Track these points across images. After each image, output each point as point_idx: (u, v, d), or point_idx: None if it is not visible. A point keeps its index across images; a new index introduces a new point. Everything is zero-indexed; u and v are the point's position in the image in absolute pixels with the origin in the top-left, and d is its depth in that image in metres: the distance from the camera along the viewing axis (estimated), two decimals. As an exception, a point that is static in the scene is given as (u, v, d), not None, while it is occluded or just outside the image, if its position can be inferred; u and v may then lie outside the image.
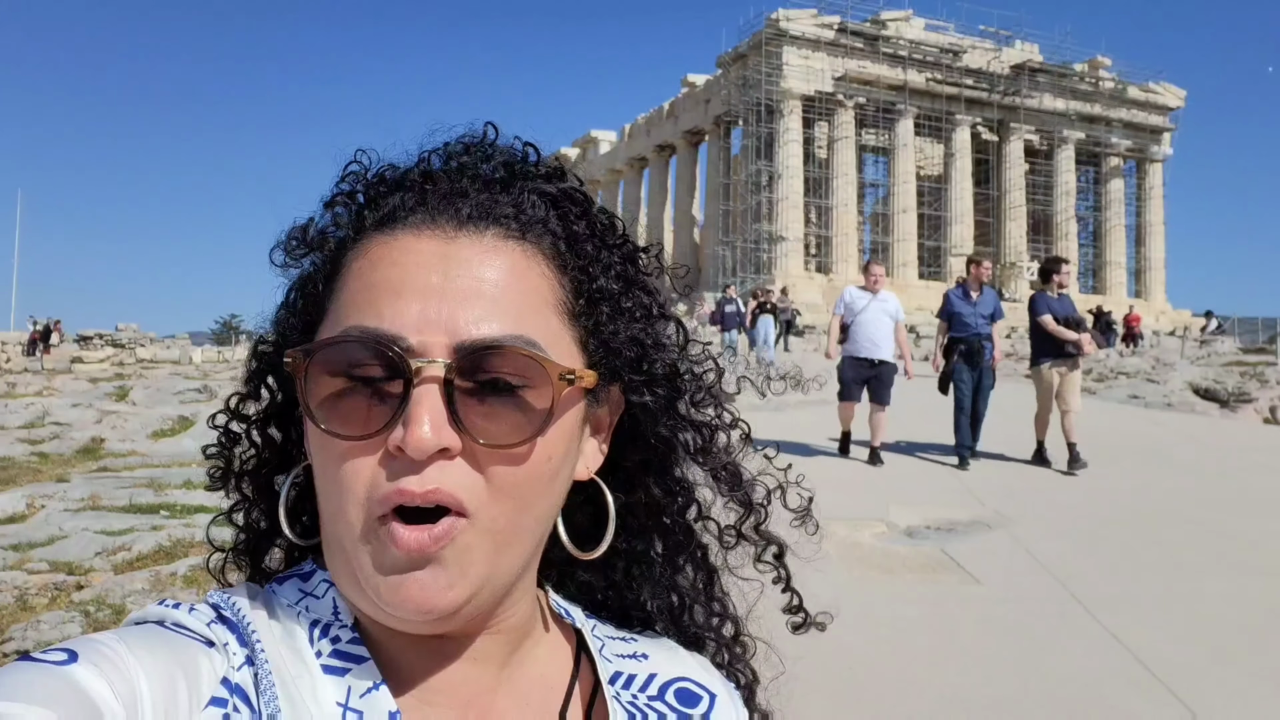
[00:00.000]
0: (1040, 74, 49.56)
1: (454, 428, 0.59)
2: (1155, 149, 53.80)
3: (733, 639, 0.83)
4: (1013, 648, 4.91)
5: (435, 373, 0.59)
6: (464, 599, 0.60)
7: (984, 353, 9.79)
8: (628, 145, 59.50)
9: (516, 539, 0.63)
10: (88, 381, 18.44)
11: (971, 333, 9.79)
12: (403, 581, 0.59)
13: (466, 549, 0.60)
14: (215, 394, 16.46)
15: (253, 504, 0.76)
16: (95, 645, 0.55)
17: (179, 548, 6.37)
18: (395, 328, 0.60)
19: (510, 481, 0.61)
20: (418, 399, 0.58)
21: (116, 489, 8.61)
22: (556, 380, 0.62)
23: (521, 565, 0.66)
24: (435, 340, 0.60)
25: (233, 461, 0.75)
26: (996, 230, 50.16)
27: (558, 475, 0.66)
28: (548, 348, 0.63)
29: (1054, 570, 6.31)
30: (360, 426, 0.60)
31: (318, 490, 0.64)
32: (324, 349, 0.62)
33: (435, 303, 0.60)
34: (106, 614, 4.99)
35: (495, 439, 0.60)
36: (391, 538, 0.58)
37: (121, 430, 12.76)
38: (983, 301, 9.97)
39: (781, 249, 44.17)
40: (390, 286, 0.62)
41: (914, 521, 7.50)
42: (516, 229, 0.65)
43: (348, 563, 0.61)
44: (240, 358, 27.14)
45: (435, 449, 0.58)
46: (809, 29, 45.15)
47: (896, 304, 10.06)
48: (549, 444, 0.63)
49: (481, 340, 0.60)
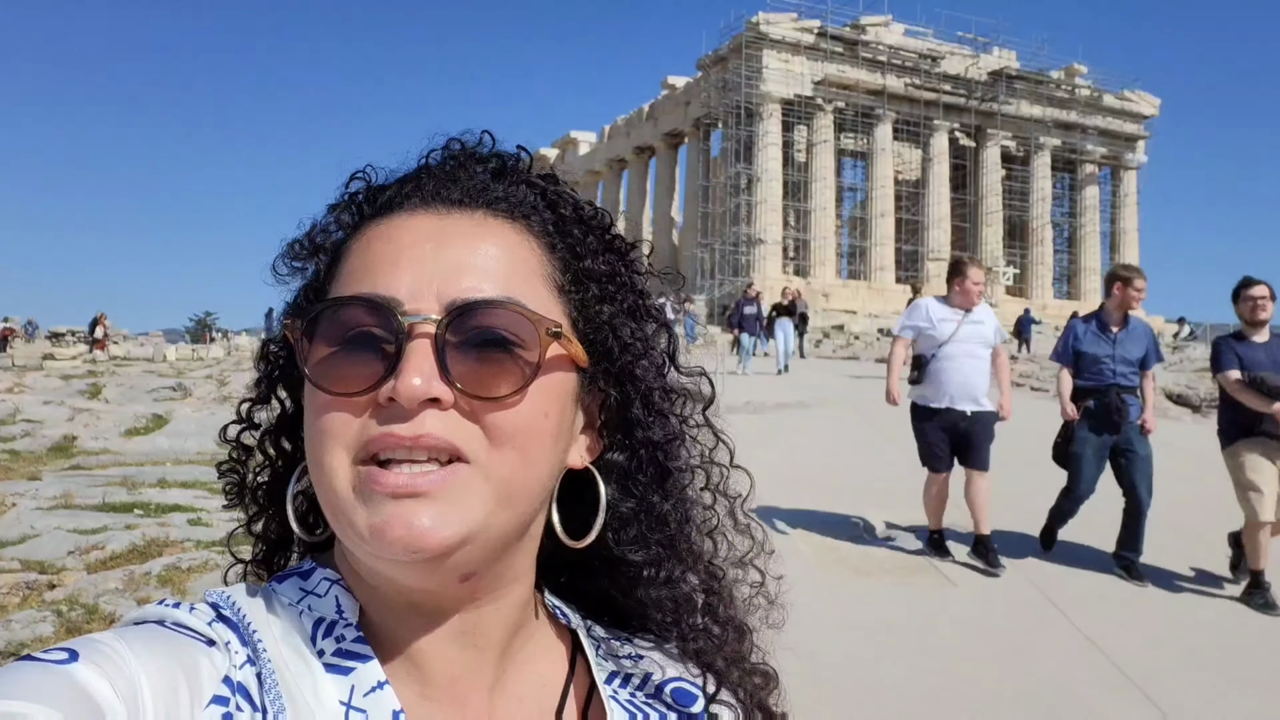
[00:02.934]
0: (1017, 80, 49.94)
1: (444, 381, 0.60)
2: (1130, 156, 54.31)
3: (736, 643, 0.82)
4: (989, 650, 4.94)
5: (427, 329, 0.61)
6: (455, 539, 0.60)
7: (1126, 411, 6.52)
8: (607, 147, 59.45)
9: (518, 492, 0.64)
10: (59, 378, 18.21)
11: (1108, 382, 6.54)
12: (393, 512, 0.59)
13: (463, 489, 0.60)
14: (190, 392, 16.33)
15: (268, 515, 0.76)
16: (96, 644, 0.55)
17: (153, 547, 6.31)
18: (389, 290, 0.62)
19: (509, 432, 0.62)
20: (409, 353, 0.60)
21: (89, 487, 8.51)
22: (544, 334, 0.64)
23: (520, 525, 0.66)
24: (427, 300, 0.62)
25: (247, 476, 0.76)
26: (973, 235, 50.47)
27: (557, 438, 0.67)
28: (537, 309, 0.65)
29: (1028, 573, 6.37)
30: (356, 383, 0.61)
31: (308, 451, 0.65)
32: (322, 311, 0.64)
33: (429, 268, 0.63)
34: (79, 614, 4.94)
35: (484, 390, 0.61)
36: (374, 478, 0.59)
37: (94, 428, 12.62)
38: (1128, 338, 6.60)
39: (760, 252, 44.26)
40: (385, 258, 0.64)
41: (892, 523, 7.54)
42: (506, 209, 0.68)
43: (339, 510, 0.61)
44: (215, 355, 26.94)
45: (425, 397, 0.59)
46: (789, 33, 45.28)
47: (994, 322, 6.84)
48: (544, 400, 0.65)
49: (471, 297, 0.62)
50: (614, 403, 0.72)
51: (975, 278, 6.74)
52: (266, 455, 0.75)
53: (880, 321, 42.37)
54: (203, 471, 9.76)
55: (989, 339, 6.74)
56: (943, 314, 6.72)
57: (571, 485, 0.72)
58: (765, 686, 0.83)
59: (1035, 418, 10.42)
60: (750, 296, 22.85)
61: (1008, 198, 51.01)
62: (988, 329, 6.73)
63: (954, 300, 6.76)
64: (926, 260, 47.30)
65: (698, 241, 46.25)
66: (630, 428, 0.73)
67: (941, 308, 6.77)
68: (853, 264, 50.05)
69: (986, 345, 6.72)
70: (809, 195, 46.46)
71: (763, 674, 0.83)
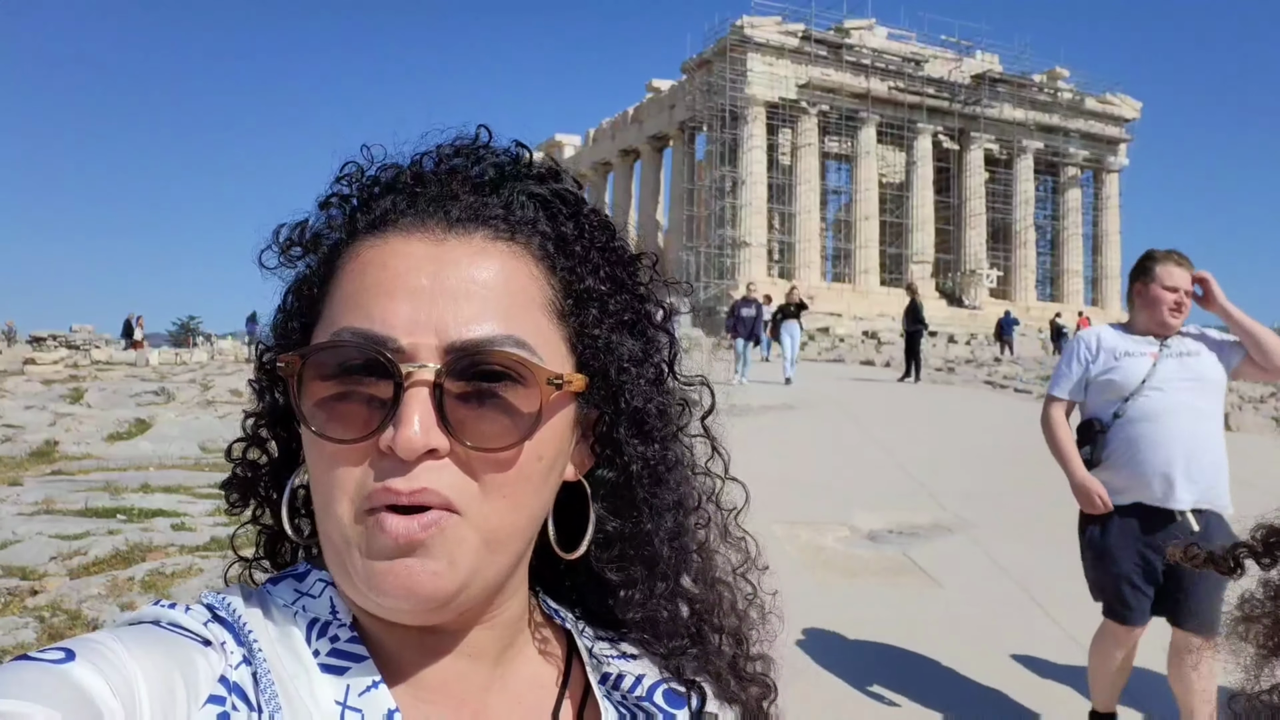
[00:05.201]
0: (1000, 84, 50.19)
1: (443, 430, 0.60)
2: (1112, 159, 54.64)
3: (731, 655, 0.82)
4: (974, 649, 4.97)
5: (425, 377, 0.60)
6: (453, 590, 0.61)
7: None
8: (592, 150, 59.40)
9: (508, 537, 0.64)
10: (40, 383, 18.04)
11: None
12: (391, 568, 0.59)
13: (457, 541, 0.60)
14: (173, 396, 16.22)
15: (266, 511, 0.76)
16: (92, 644, 0.55)
17: (136, 552, 6.27)
18: (385, 329, 0.61)
19: (500, 482, 0.62)
20: (408, 402, 0.59)
21: (71, 492, 8.45)
22: (544, 384, 0.63)
23: (512, 563, 0.67)
24: (425, 342, 0.60)
25: (249, 485, 0.75)
26: (957, 238, 50.67)
27: (549, 476, 0.67)
28: (537, 348, 0.63)
29: (1013, 573, 6.40)
30: (352, 429, 0.61)
31: (312, 489, 0.65)
32: (316, 353, 0.63)
33: (425, 304, 0.61)
34: (62, 619, 4.90)
35: (483, 442, 0.61)
36: (380, 526, 0.59)
37: (76, 433, 12.52)
38: None
39: (745, 254, 44.30)
40: (381, 288, 0.62)
41: (877, 525, 7.57)
42: (505, 230, 0.66)
43: (340, 556, 0.62)
44: (199, 360, 26.76)
45: (424, 449, 0.59)
46: (773, 36, 45.37)
47: (1220, 343, 3.92)
48: (539, 445, 0.64)
49: (471, 343, 0.61)
50: (607, 420, 0.72)
51: (1172, 279, 3.85)
52: (268, 454, 0.74)
53: (865, 324, 42.51)
54: (186, 476, 9.71)
55: (1214, 378, 3.88)
56: (1125, 345, 3.94)
57: (566, 495, 0.72)
58: (764, 697, 0.83)
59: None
60: (750, 298, 20.47)
61: (991, 200, 51.23)
62: (1207, 363, 3.87)
63: (1140, 322, 3.97)
64: (911, 263, 47.47)
65: (683, 244, 46.26)
66: (619, 446, 0.72)
67: (1122, 337, 3.98)
68: (837, 267, 50.16)
69: (1212, 389, 3.88)
70: (794, 198, 46.55)
71: (761, 685, 0.83)
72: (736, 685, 0.81)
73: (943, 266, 50.53)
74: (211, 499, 8.30)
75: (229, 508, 0.75)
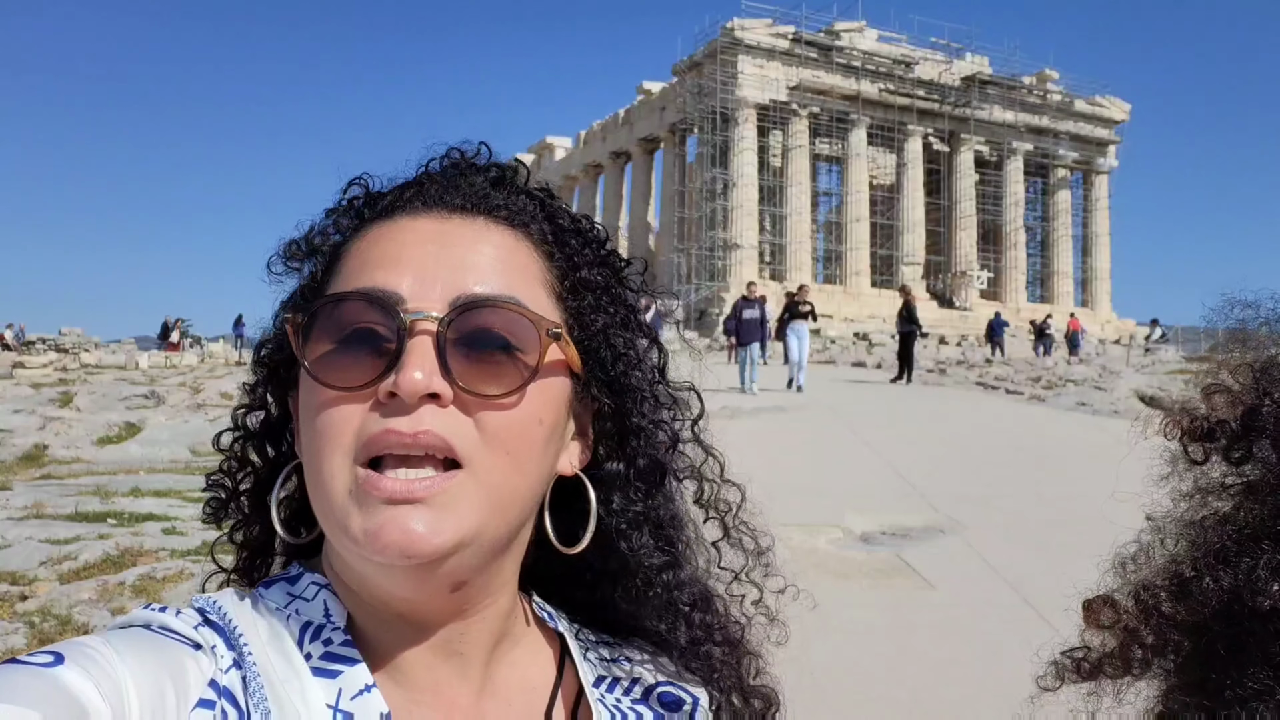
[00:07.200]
0: (990, 86, 50.38)
1: (445, 377, 0.61)
2: (1101, 161, 54.91)
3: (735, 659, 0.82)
4: (967, 651, 4.97)
5: (428, 326, 0.61)
6: (449, 545, 0.60)
7: None
8: (583, 152, 59.46)
9: (509, 499, 0.64)
10: (29, 387, 17.97)
11: None
12: (386, 520, 0.59)
13: (458, 496, 0.61)
14: (163, 400, 16.15)
15: (250, 522, 0.76)
16: (82, 648, 0.54)
17: (126, 557, 6.24)
18: (391, 286, 0.63)
19: (502, 433, 0.63)
20: (411, 349, 0.61)
21: (61, 497, 8.41)
22: (544, 335, 0.64)
23: (509, 533, 0.66)
24: (429, 294, 0.63)
25: (234, 486, 0.75)
26: (947, 240, 50.85)
27: (548, 445, 0.67)
28: (537, 312, 0.66)
29: (1006, 574, 6.41)
30: (356, 377, 0.62)
31: (304, 448, 0.65)
32: (323, 306, 0.65)
33: (431, 268, 0.64)
34: (52, 624, 4.88)
35: (484, 388, 0.62)
36: (371, 483, 0.59)
37: (66, 437, 12.46)
38: None
39: (736, 256, 44.38)
40: (388, 256, 0.65)
41: (869, 527, 7.58)
42: (506, 217, 0.70)
43: (335, 512, 0.61)
44: (189, 363, 26.68)
45: (426, 391, 0.60)
46: (764, 38, 45.47)
47: None
48: (539, 408, 0.65)
49: (474, 296, 0.63)
50: (608, 411, 0.73)
51: None
52: (249, 462, 0.75)
53: (856, 326, 42.61)
54: (176, 479, 9.67)
55: None
56: None
57: (560, 494, 0.73)
58: (767, 706, 0.83)
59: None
60: (751, 298, 18.71)
61: (981, 202, 51.44)
62: None
63: None
64: (902, 264, 47.61)
65: (674, 246, 46.31)
66: (626, 436, 0.73)
67: None
68: (828, 268, 50.28)
69: None
70: (784, 200, 46.64)
71: (763, 697, 0.83)
72: (739, 697, 0.81)
73: (933, 268, 50.70)
74: (202, 503, 8.26)
75: (207, 518, 0.76)
